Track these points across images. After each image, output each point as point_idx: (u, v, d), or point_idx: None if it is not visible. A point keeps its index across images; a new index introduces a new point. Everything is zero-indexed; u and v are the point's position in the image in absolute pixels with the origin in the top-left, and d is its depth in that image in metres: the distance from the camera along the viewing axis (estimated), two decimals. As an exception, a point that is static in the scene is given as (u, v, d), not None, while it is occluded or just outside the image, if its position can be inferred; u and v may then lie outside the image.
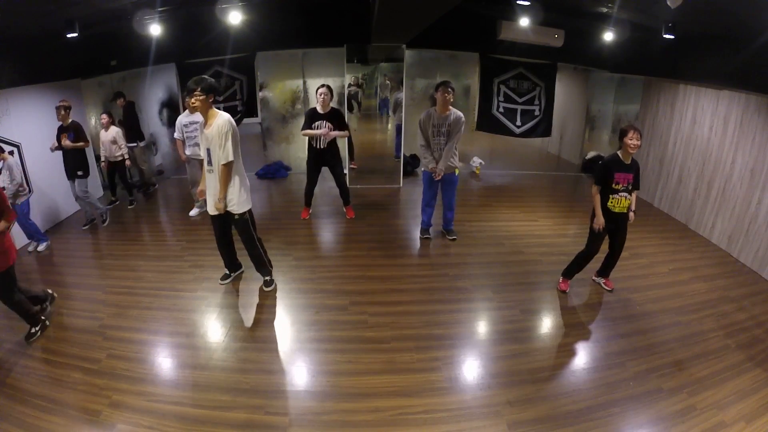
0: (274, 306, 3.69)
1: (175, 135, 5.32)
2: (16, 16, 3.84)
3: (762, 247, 4.40)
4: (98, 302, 3.70)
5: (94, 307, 3.63)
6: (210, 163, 3.44)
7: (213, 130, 3.33)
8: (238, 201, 3.51)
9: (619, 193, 3.52)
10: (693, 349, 3.21)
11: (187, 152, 5.27)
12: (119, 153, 5.58)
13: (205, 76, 3.33)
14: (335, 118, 4.96)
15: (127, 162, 5.71)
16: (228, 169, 3.37)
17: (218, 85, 3.34)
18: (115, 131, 5.54)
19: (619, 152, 3.53)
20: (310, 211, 5.53)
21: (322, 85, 4.93)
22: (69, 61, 5.47)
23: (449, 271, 4.31)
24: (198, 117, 5.02)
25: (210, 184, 3.52)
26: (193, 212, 5.57)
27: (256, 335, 3.33)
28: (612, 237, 3.77)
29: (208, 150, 3.40)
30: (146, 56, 6.00)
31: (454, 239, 4.89)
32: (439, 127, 4.42)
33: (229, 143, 3.30)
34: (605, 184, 3.53)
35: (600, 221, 3.57)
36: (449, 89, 4.35)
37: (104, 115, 5.49)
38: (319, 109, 4.93)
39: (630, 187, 3.54)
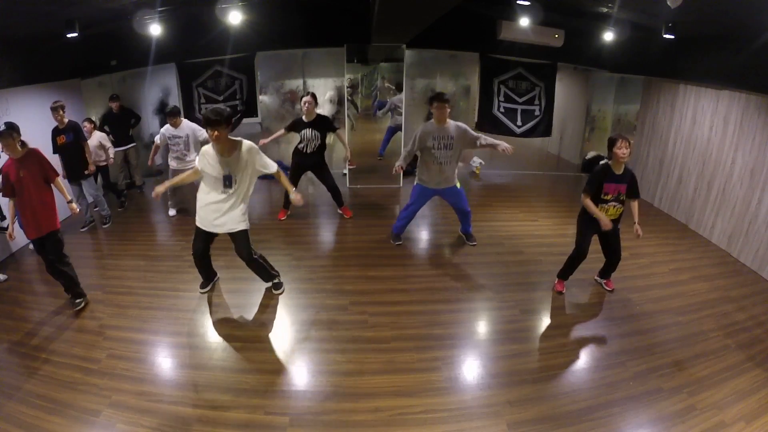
0: (274, 306, 3.69)
1: (157, 138, 5.29)
2: (17, 16, 3.83)
3: (762, 247, 4.40)
4: (98, 302, 3.70)
5: (94, 307, 3.63)
6: (230, 185, 3.31)
7: (237, 158, 3.26)
8: (244, 217, 3.46)
9: (608, 203, 3.46)
10: (693, 349, 3.22)
11: (171, 164, 5.29)
12: (103, 158, 5.60)
13: (221, 107, 3.19)
14: (321, 125, 5.03)
15: (110, 161, 5.71)
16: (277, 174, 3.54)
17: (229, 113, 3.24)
18: (99, 136, 5.55)
19: (609, 162, 3.46)
20: (288, 212, 5.48)
21: (307, 93, 5.07)
22: (69, 61, 5.46)
23: (449, 271, 4.31)
24: (182, 131, 5.15)
25: (223, 206, 3.35)
26: (172, 212, 5.66)
27: (256, 335, 3.33)
28: (603, 246, 3.73)
29: (228, 176, 3.28)
30: (146, 56, 5.99)
31: (474, 245, 4.77)
32: (441, 140, 4.25)
33: (265, 158, 3.41)
34: (595, 193, 3.46)
35: (606, 223, 3.41)
36: (444, 103, 4.21)
37: (86, 123, 5.47)
38: (304, 118, 5.02)
39: (621, 198, 3.46)
